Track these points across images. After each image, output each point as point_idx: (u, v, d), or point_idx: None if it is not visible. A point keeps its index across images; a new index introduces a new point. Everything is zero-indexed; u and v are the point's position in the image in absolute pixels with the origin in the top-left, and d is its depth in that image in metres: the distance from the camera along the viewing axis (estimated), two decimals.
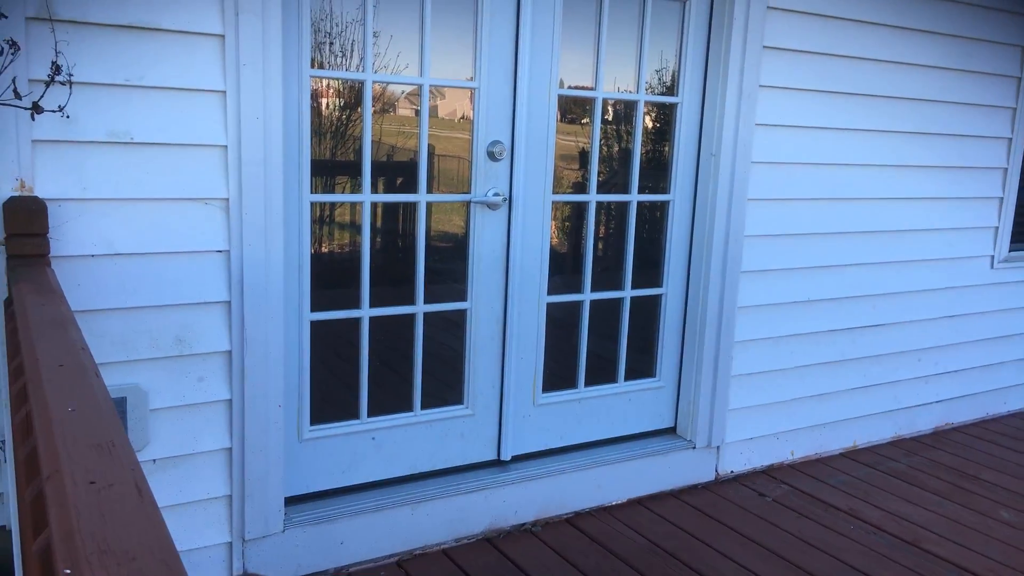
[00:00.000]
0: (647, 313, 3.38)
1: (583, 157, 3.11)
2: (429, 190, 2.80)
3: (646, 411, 3.42)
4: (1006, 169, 4.06)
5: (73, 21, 2.02)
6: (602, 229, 3.22)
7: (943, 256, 3.95)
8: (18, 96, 1.74)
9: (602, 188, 3.15)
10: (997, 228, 4.11)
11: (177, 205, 2.25)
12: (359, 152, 2.65)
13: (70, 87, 1.90)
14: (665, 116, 3.24)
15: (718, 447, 3.49)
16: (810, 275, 3.56)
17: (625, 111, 3.16)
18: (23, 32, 1.94)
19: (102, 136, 2.11)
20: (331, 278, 2.71)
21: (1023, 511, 3.36)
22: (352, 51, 2.58)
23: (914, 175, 3.75)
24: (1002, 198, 4.09)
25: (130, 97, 2.13)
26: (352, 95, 2.64)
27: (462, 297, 2.95)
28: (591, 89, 3.04)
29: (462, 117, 2.85)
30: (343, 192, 2.71)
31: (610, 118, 3.15)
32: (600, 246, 3.21)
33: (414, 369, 2.90)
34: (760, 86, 3.21)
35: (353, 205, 2.71)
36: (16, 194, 2.02)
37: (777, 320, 3.52)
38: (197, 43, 2.20)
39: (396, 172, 2.80)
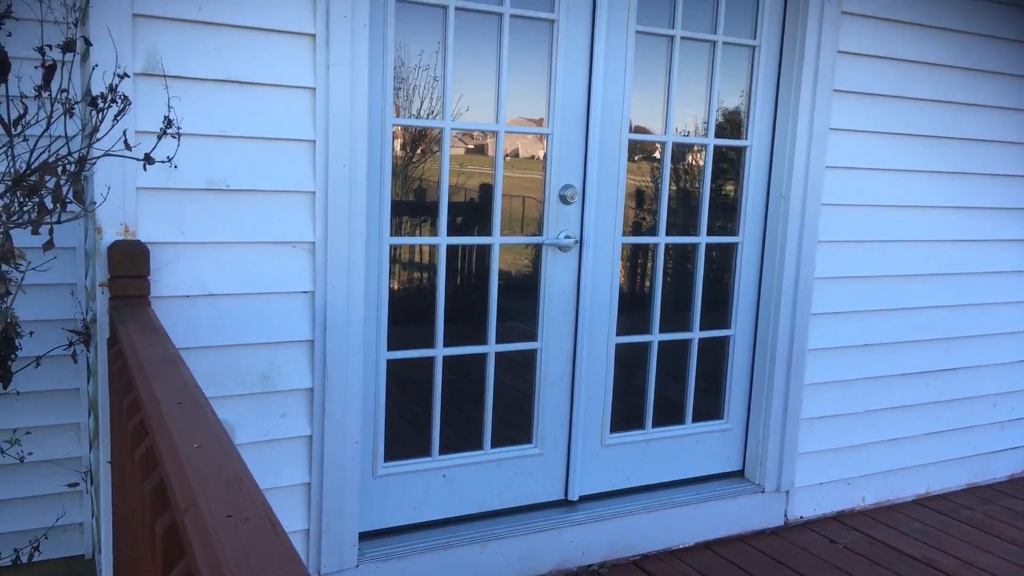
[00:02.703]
0: (715, 354, 3.37)
1: (652, 199, 3.15)
2: (502, 231, 2.87)
3: (714, 453, 3.40)
4: None
5: (178, 76, 2.15)
6: (670, 270, 3.24)
7: (1018, 299, 3.87)
8: (128, 147, 1.86)
9: (671, 230, 3.18)
10: None
11: (267, 248, 2.36)
12: (437, 195, 2.74)
13: (178, 139, 2.02)
14: (734, 158, 3.26)
15: (787, 491, 3.45)
16: (881, 317, 3.52)
17: (694, 154, 3.20)
18: (131, 87, 2.07)
19: (201, 184, 2.22)
20: (406, 317, 2.79)
21: None
22: (431, 98, 2.67)
23: (986, 217, 3.70)
24: None
25: (226, 147, 2.25)
26: (431, 141, 2.73)
27: (532, 337, 2.99)
28: (661, 133, 3.09)
29: (534, 158, 2.92)
30: (420, 234, 2.79)
31: (680, 160, 3.19)
32: (668, 287, 3.23)
33: (484, 408, 2.94)
34: (830, 129, 3.22)
35: (430, 247, 2.79)
36: (120, 238, 2.14)
37: (848, 363, 3.49)
38: (289, 95, 2.31)
39: (470, 213, 2.87)
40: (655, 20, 2.98)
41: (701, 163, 3.20)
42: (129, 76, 1.95)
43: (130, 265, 2.08)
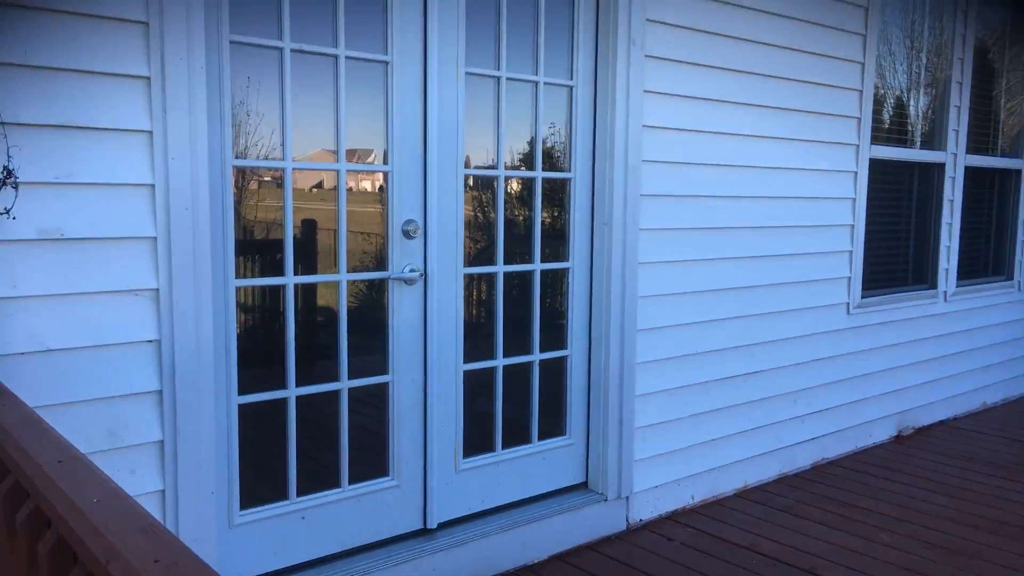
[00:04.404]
0: (555, 374, 3.57)
1: (490, 230, 3.30)
2: (349, 269, 2.90)
3: (560, 468, 3.59)
4: (852, 225, 4.58)
5: (8, 123, 2.04)
6: (510, 297, 3.41)
7: (808, 305, 4.39)
8: None
9: (508, 259, 3.35)
10: (849, 278, 4.60)
11: (107, 298, 2.26)
12: (281, 234, 2.73)
13: (16, 189, 1.91)
14: (561, 189, 3.50)
15: (627, 497, 3.69)
16: (698, 329, 3.88)
17: (525, 186, 3.40)
18: None
19: (32, 234, 2.11)
20: (256, 359, 2.75)
21: (900, 533, 3.72)
22: (270, 138, 2.68)
23: (788, 235, 4.18)
24: (851, 251, 4.59)
25: (61, 194, 2.15)
26: (272, 181, 2.73)
27: (384, 371, 3.04)
28: (494, 168, 3.26)
29: (378, 196, 2.99)
30: (265, 275, 2.77)
31: (512, 192, 3.37)
32: (509, 313, 3.39)
33: (340, 444, 2.95)
34: (643, 161, 3.53)
35: (277, 287, 2.78)
36: None
37: (672, 373, 3.80)
38: (126, 139, 2.25)
39: (314, 251, 2.89)
40: (483, 62, 3.16)
41: (532, 194, 3.40)
42: None
43: None
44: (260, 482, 2.78)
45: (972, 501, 4.08)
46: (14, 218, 1.97)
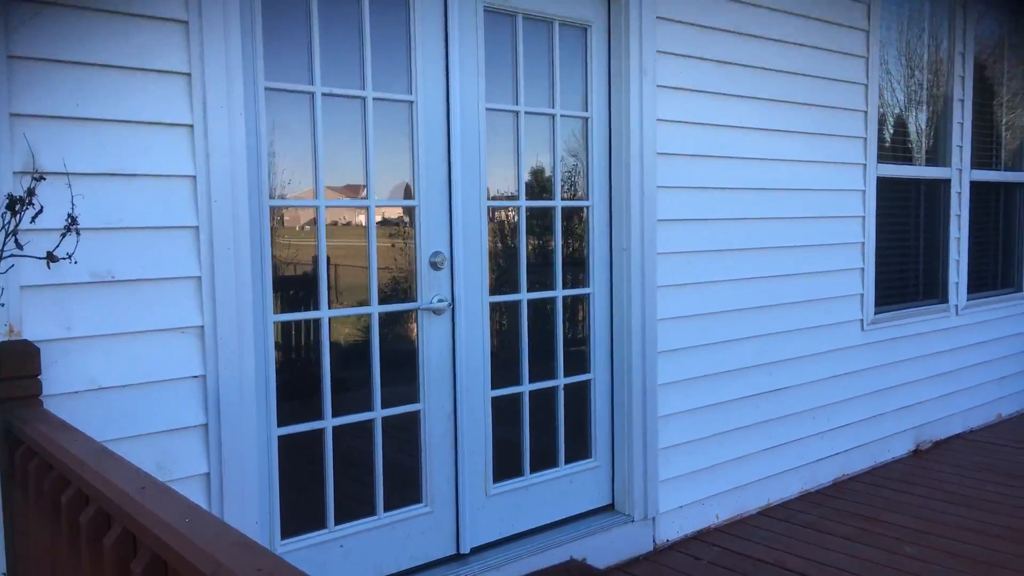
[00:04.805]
0: (579, 398, 3.64)
1: (513, 259, 3.40)
2: (380, 301, 3.00)
3: (586, 491, 3.65)
4: (863, 243, 4.66)
5: (61, 172, 2.15)
6: (534, 323, 3.49)
7: (823, 323, 4.46)
8: (19, 247, 1.85)
9: (531, 286, 3.44)
10: (863, 295, 4.68)
11: (155, 336, 2.36)
12: (316, 270, 2.84)
13: (78, 235, 2.02)
14: (580, 216, 3.60)
15: (653, 518, 3.75)
16: (717, 349, 3.95)
17: (545, 215, 3.50)
18: (14, 184, 2.05)
19: (85, 277, 2.21)
20: (294, 391, 2.84)
21: (922, 545, 3.76)
22: (305, 179, 2.79)
23: (802, 254, 4.27)
24: (863, 268, 4.68)
25: (111, 238, 2.26)
26: (306, 219, 2.84)
27: (415, 399, 3.12)
28: (515, 199, 3.36)
29: (406, 230, 3.09)
30: (302, 310, 2.87)
31: (534, 222, 3.47)
32: (534, 339, 3.48)
33: (375, 473, 3.02)
34: (658, 187, 3.63)
35: (313, 320, 2.87)
36: (5, 339, 2.08)
37: (693, 393, 3.87)
38: (172, 183, 2.36)
39: (347, 284, 2.99)
40: (502, 98, 3.28)
41: (552, 223, 3.50)
42: (45, 178, 1.95)
43: (20, 365, 2.03)
44: (300, 512, 2.86)
45: (992, 512, 4.13)
46: (76, 263, 2.08)
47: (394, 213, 3.09)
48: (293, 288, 2.84)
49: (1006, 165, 5.84)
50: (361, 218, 2.98)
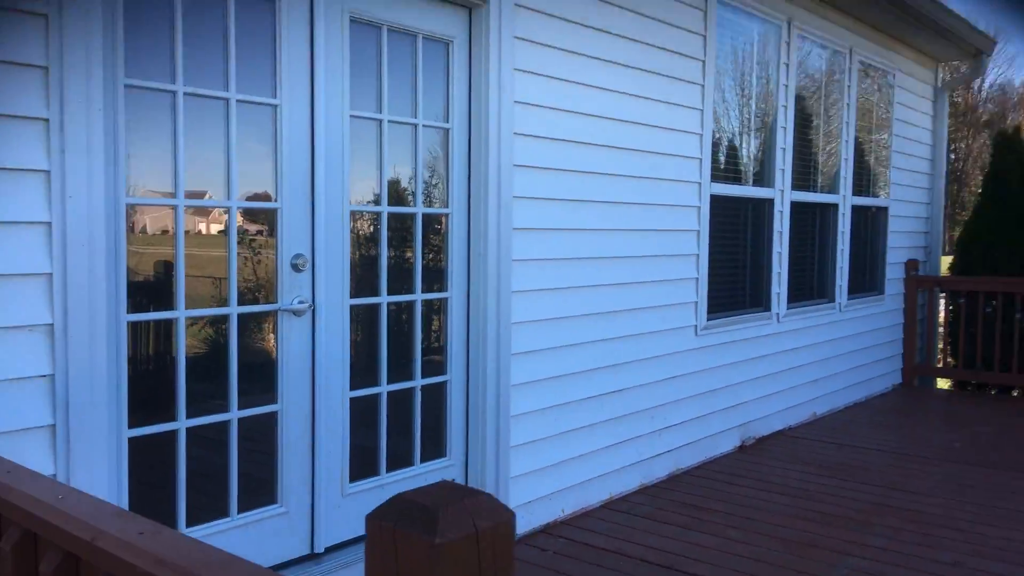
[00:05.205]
0: (436, 399, 3.77)
1: (375, 263, 3.48)
2: (239, 302, 3.00)
3: None
4: (697, 255, 5.07)
5: None
6: (394, 326, 3.59)
7: (662, 328, 4.81)
8: None
9: (392, 290, 3.53)
10: (696, 303, 5.08)
11: (1, 334, 2.28)
12: (172, 270, 2.81)
13: None
14: (441, 223, 3.72)
15: None
16: (567, 352, 4.19)
17: (407, 221, 3.60)
18: None
19: None
20: (147, 393, 2.79)
21: (746, 529, 4.15)
22: (165, 178, 2.76)
23: (643, 264, 4.58)
24: (697, 278, 5.08)
25: None
26: (164, 218, 2.80)
27: (273, 400, 3.14)
28: (378, 204, 3.45)
29: (268, 231, 3.11)
30: (158, 309, 2.83)
31: (396, 227, 3.57)
32: (393, 341, 3.57)
33: (230, 474, 3.02)
34: (514, 197, 3.82)
35: (169, 320, 2.84)
36: None
37: (544, 394, 4.08)
38: (25, 179, 2.29)
39: (205, 284, 2.97)
40: (367, 106, 3.36)
41: (413, 229, 3.61)
42: None
43: None
44: (150, 514, 2.80)
45: (805, 499, 4.60)
46: None
47: (257, 215, 3.10)
48: (149, 287, 2.80)
49: (823, 188, 6.48)
50: (222, 219, 2.97)
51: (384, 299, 3.50)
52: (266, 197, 3.08)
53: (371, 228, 3.48)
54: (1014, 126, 8.12)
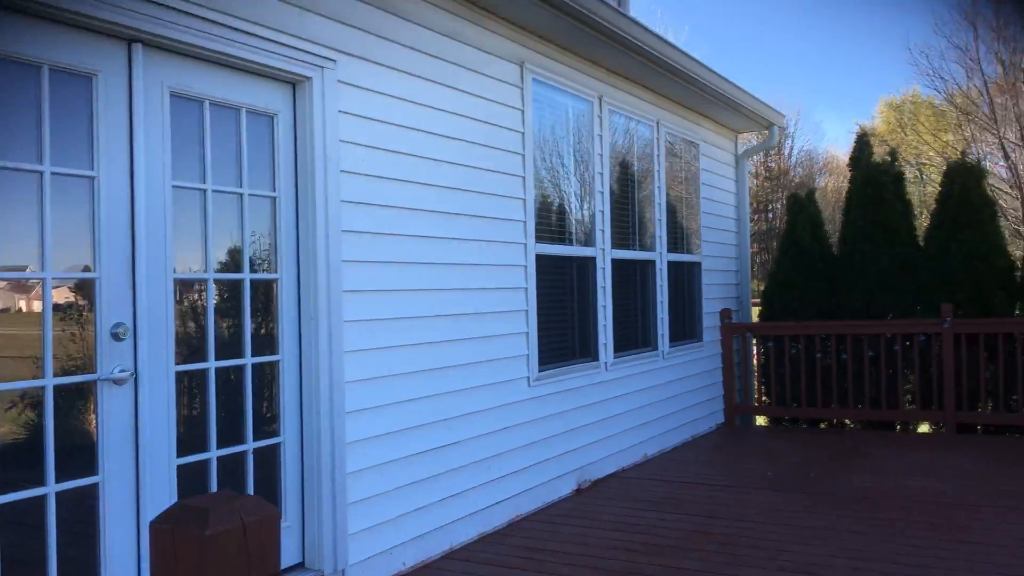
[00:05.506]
0: (271, 461, 3.81)
1: (202, 329, 3.53)
2: (56, 373, 2.98)
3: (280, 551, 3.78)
4: (527, 311, 5.38)
5: None
6: (224, 391, 3.62)
7: (496, 380, 5.06)
8: None
9: (220, 354, 3.59)
10: (528, 355, 5.38)
11: None
12: None
13: None
14: (270, 289, 3.82)
15: (343, 570, 3.97)
16: (401, 408, 4.34)
17: (235, 287, 3.68)
18: None
19: None
20: None
21: (577, 565, 4.38)
22: None
23: (474, 321, 4.82)
24: (527, 332, 5.39)
25: None
26: None
27: (94, 471, 3.10)
28: (204, 272, 3.52)
29: (86, 302, 3.11)
30: None
31: (225, 294, 3.64)
32: (222, 406, 3.60)
33: (47, 550, 2.95)
34: (343, 261, 3.98)
35: None
36: None
37: (380, 449, 4.20)
38: None
39: (19, 359, 2.93)
40: (190, 176, 3.45)
41: (242, 295, 3.69)
42: None
43: None
44: None
45: (634, 533, 4.91)
46: None
47: (73, 286, 3.11)
48: None
49: (641, 246, 7.03)
50: (37, 291, 2.96)
51: (212, 364, 3.54)
52: (85, 268, 3.10)
53: (198, 295, 3.54)
54: (808, 190, 9.14)
